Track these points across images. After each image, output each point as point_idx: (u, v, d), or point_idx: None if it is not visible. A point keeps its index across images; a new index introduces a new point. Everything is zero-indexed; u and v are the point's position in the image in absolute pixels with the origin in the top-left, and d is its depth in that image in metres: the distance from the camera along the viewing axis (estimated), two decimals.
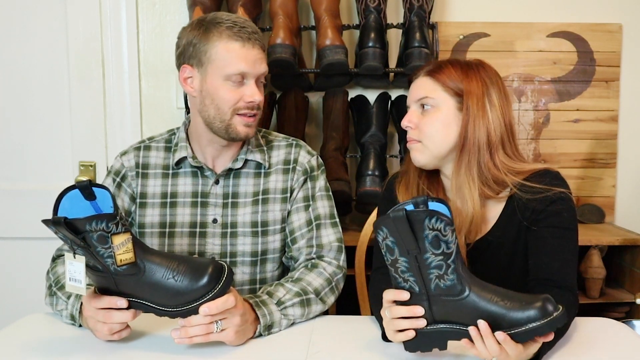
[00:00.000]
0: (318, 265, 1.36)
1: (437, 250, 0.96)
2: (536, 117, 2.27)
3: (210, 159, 1.43)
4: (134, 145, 1.49)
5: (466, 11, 2.23)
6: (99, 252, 1.03)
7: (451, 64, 1.30)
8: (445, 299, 0.99)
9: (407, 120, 1.30)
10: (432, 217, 0.94)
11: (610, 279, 2.14)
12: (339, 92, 2.10)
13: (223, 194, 1.42)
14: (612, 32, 2.25)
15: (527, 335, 0.95)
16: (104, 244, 1.02)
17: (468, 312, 0.98)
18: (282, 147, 1.47)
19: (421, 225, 0.95)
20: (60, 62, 2.17)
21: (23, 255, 2.20)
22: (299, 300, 1.25)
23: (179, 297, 1.05)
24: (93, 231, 1.01)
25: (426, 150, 1.28)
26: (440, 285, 0.98)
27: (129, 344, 1.15)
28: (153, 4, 2.19)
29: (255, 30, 1.34)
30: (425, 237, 0.96)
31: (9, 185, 2.20)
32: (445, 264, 0.97)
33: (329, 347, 1.13)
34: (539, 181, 1.25)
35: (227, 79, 1.32)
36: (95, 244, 1.02)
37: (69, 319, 1.23)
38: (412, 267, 0.99)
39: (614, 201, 2.30)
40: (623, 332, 1.21)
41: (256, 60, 1.33)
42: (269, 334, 1.19)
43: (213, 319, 1.08)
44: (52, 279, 1.31)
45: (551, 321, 0.94)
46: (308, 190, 1.44)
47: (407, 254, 0.98)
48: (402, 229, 0.96)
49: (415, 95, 1.30)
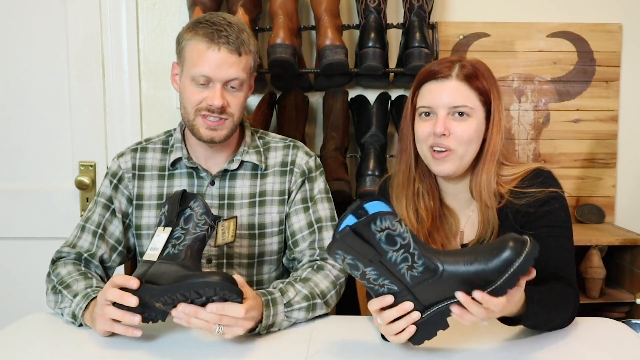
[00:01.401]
0: (324, 267, 1.35)
1: (395, 246, 0.96)
2: (536, 117, 2.27)
3: (202, 159, 1.42)
4: (130, 146, 1.49)
5: (466, 11, 2.23)
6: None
7: (479, 67, 1.26)
8: (425, 284, 0.99)
9: (444, 127, 1.22)
10: (376, 220, 0.94)
11: (610, 279, 2.14)
12: (339, 92, 2.10)
13: (219, 195, 1.41)
14: (612, 32, 2.24)
15: (511, 281, 0.95)
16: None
17: (451, 284, 0.98)
18: (279, 148, 1.47)
19: (370, 232, 0.95)
20: (60, 62, 2.17)
21: (23, 255, 2.20)
22: (306, 305, 1.25)
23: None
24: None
25: (457, 161, 1.25)
26: (415, 274, 0.98)
27: (129, 343, 1.15)
28: (153, 4, 2.19)
29: (232, 34, 1.28)
30: (379, 240, 0.96)
31: (9, 185, 2.20)
32: (409, 254, 0.97)
33: (329, 347, 1.13)
34: (531, 183, 1.25)
35: (192, 79, 1.31)
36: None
37: (70, 316, 1.23)
38: (382, 271, 0.99)
39: (614, 201, 2.30)
40: (623, 332, 1.21)
41: (222, 64, 1.28)
42: (266, 333, 1.19)
43: (217, 320, 1.07)
44: (56, 280, 1.30)
45: (528, 255, 0.95)
46: (306, 192, 1.44)
47: (371, 263, 0.98)
48: (354, 244, 0.96)
49: (449, 100, 1.23)
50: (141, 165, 1.45)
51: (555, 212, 1.23)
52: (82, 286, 1.26)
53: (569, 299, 1.18)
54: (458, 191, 1.33)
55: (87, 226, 1.41)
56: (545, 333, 1.17)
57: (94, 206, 1.44)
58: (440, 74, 1.25)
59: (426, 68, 1.29)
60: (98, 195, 1.45)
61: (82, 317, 1.20)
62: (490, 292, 0.96)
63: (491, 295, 0.96)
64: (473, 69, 1.25)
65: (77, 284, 1.27)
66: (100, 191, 1.45)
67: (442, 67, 1.25)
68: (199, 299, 1.06)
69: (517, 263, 0.95)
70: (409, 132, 1.32)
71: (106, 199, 1.43)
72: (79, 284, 1.27)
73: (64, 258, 1.38)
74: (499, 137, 1.26)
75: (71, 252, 1.38)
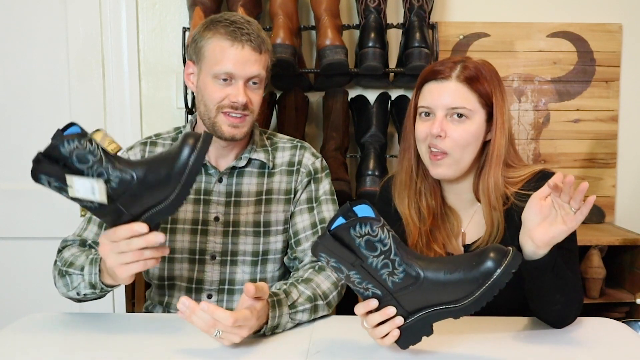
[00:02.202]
0: (325, 267, 1.35)
1: (375, 252, 0.96)
2: (536, 117, 2.27)
3: (213, 157, 1.43)
4: (140, 140, 1.50)
5: (466, 11, 2.24)
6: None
7: (482, 70, 1.25)
8: (407, 291, 0.99)
9: (440, 128, 1.22)
10: (356, 226, 0.94)
11: (610, 279, 2.14)
12: (339, 92, 2.10)
13: (226, 192, 1.42)
14: (612, 32, 2.25)
15: (489, 292, 0.96)
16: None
17: (433, 292, 0.99)
18: (287, 148, 1.47)
19: (350, 238, 0.95)
20: (60, 62, 2.17)
21: (23, 255, 2.20)
22: (309, 307, 1.25)
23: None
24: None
25: (454, 165, 1.25)
26: (396, 280, 0.98)
27: (129, 343, 1.15)
28: (153, 4, 2.19)
29: (254, 32, 1.32)
30: (359, 246, 0.96)
31: (9, 185, 2.20)
32: (390, 260, 0.97)
33: (329, 347, 1.13)
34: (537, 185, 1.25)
35: (215, 77, 1.32)
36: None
37: (89, 287, 1.23)
38: (364, 275, 0.99)
39: (614, 201, 2.31)
40: (623, 332, 1.21)
41: (246, 61, 1.30)
42: (271, 334, 1.19)
43: (212, 324, 1.06)
44: (60, 264, 1.31)
45: (507, 267, 0.95)
46: (311, 192, 1.44)
47: (353, 267, 0.98)
48: (335, 248, 0.96)
49: (447, 101, 1.23)
50: None
51: None
52: (84, 258, 1.27)
53: (581, 293, 1.20)
54: (460, 191, 1.33)
55: (93, 218, 1.41)
56: (545, 333, 1.17)
57: None
58: (441, 75, 1.24)
59: (429, 67, 1.29)
60: None
61: (101, 279, 1.20)
62: (467, 303, 0.97)
63: (468, 306, 0.97)
64: (475, 71, 1.24)
65: (79, 259, 1.28)
66: None
67: (443, 68, 1.25)
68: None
69: (496, 275, 0.95)
70: (411, 131, 1.32)
71: None
72: (80, 258, 1.28)
73: (69, 245, 1.39)
74: (503, 139, 1.26)
75: (76, 239, 1.39)
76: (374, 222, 0.95)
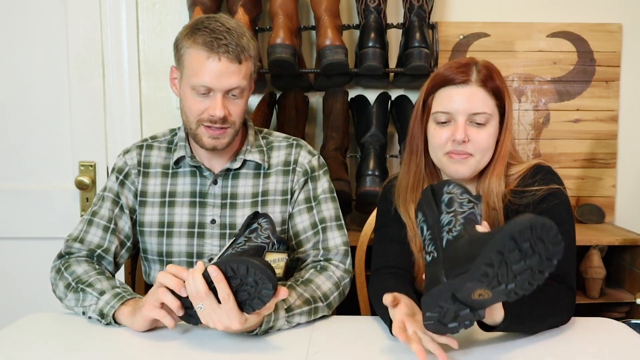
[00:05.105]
0: (327, 268, 1.35)
1: (450, 208, 1.03)
2: (536, 117, 2.27)
3: (205, 158, 1.42)
4: (136, 143, 1.49)
5: (466, 11, 2.23)
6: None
7: (492, 68, 1.27)
8: (455, 245, 0.98)
9: (464, 133, 1.23)
10: (451, 184, 1.05)
11: (610, 279, 2.14)
12: (339, 92, 2.10)
13: (221, 194, 1.41)
14: (612, 32, 2.24)
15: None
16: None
17: (475, 247, 0.94)
18: (283, 147, 1.46)
19: (441, 192, 1.06)
20: (60, 62, 2.17)
21: (23, 255, 2.20)
22: (307, 310, 1.24)
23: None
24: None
25: (474, 165, 1.27)
26: (450, 237, 1.00)
27: (129, 343, 1.15)
28: (153, 4, 2.19)
29: (232, 42, 1.26)
30: (442, 202, 1.04)
31: (9, 185, 2.20)
32: (455, 219, 1.00)
33: (329, 347, 1.13)
34: (532, 181, 1.25)
35: (193, 88, 1.30)
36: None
37: (97, 313, 1.22)
38: (434, 235, 1.03)
39: (614, 201, 2.30)
40: (623, 332, 1.21)
41: (222, 74, 1.27)
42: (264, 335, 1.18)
43: (205, 291, 1.07)
44: (71, 278, 1.30)
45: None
46: (309, 192, 1.43)
47: (430, 228, 1.04)
48: (427, 202, 1.06)
49: (469, 107, 1.24)
50: (146, 163, 1.45)
51: (553, 209, 1.23)
52: (107, 285, 1.26)
53: (559, 299, 1.17)
54: None
55: (95, 220, 1.40)
56: (545, 333, 1.17)
57: (101, 201, 1.43)
58: (459, 80, 1.24)
59: (442, 72, 1.28)
60: (105, 190, 1.45)
61: (112, 316, 1.20)
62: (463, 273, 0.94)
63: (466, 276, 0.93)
64: (487, 70, 1.26)
65: (101, 283, 1.27)
66: (107, 186, 1.45)
67: (459, 72, 1.25)
68: (234, 279, 1.06)
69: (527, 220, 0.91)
70: (419, 135, 1.31)
71: (114, 194, 1.43)
72: (102, 283, 1.27)
73: (75, 255, 1.37)
74: (509, 140, 1.28)
75: (82, 248, 1.38)
76: (466, 191, 1.04)
